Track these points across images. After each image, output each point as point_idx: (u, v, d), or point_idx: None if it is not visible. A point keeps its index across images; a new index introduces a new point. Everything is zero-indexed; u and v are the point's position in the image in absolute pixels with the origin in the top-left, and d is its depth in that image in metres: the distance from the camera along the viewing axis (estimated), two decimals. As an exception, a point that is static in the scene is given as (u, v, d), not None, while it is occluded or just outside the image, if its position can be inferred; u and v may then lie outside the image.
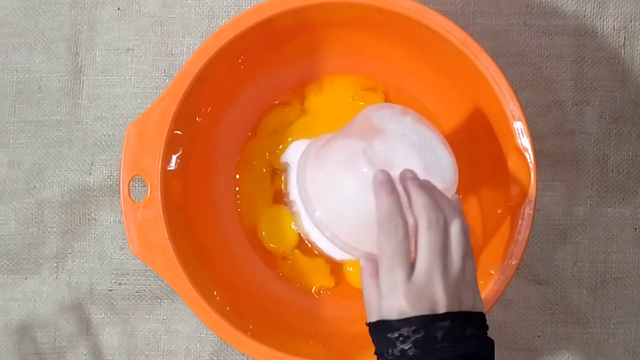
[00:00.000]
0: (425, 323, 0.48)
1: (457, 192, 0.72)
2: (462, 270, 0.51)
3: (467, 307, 0.50)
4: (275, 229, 0.72)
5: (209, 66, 0.63)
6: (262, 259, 0.73)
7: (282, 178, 0.73)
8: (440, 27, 0.62)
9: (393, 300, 0.50)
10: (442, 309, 0.49)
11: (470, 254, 0.52)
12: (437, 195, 0.53)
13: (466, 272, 0.51)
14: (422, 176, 0.56)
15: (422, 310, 0.49)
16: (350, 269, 0.72)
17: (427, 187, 0.53)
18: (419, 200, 0.52)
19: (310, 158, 0.64)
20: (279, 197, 0.73)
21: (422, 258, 0.50)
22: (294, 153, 0.72)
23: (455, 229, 0.51)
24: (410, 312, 0.49)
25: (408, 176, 0.54)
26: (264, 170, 0.73)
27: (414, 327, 0.48)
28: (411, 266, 0.50)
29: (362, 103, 0.73)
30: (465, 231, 0.52)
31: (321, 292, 0.72)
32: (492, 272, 0.62)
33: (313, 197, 0.62)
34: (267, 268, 0.73)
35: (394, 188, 0.52)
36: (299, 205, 0.71)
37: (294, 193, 0.72)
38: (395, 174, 0.55)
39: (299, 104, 0.73)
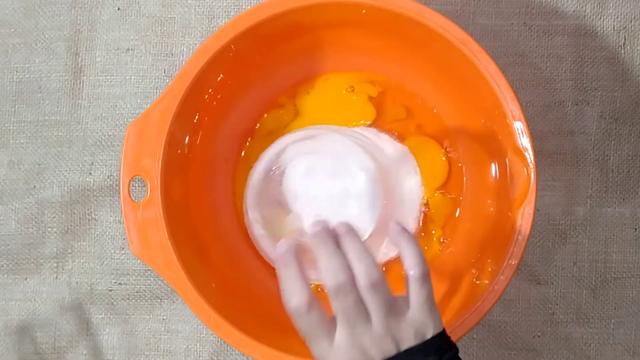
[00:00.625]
0: None
1: (457, 192, 0.72)
2: (390, 315, 0.50)
3: (408, 343, 0.50)
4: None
5: (208, 66, 0.63)
6: (260, 258, 0.73)
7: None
8: (440, 27, 0.62)
9: None
10: (377, 358, 0.49)
11: (385, 299, 0.50)
12: (344, 243, 0.52)
13: (397, 311, 0.50)
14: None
15: None
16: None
17: (324, 240, 0.51)
18: (321, 263, 0.51)
19: None
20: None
21: (339, 322, 0.50)
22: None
23: (362, 284, 0.50)
24: None
25: (310, 231, 0.53)
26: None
27: None
28: (332, 329, 0.50)
29: (353, 97, 0.73)
30: (375, 282, 0.50)
31: (319, 290, 0.72)
32: (491, 271, 0.62)
33: None
34: (265, 268, 0.73)
35: (291, 260, 0.51)
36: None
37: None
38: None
39: (298, 104, 0.73)
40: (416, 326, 0.50)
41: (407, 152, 0.72)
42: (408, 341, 0.50)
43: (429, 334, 0.50)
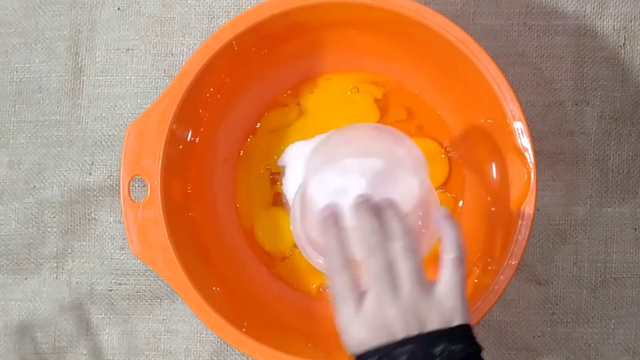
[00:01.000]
0: (385, 352, 0.47)
1: (457, 192, 0.72)
2: (419, 288, 0.49)
3: (433, 325, 0.48)
4: (272, 231, 0.72)
5: (208, 67, 0.63)
6: (261, 259, 0.73)
7: (279, 181, 0.73)
8: (440, 27, 0.62)
9: (350, 336, 0.49)
10: (400, 334, 0.48)
11: (415, 269, 0.49)
12: (385, 214, 0.52)
13: (427, 288, 0.49)
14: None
15: (380, 339, 0.48)
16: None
17: (365, 210, 0.52)
18: (358, 227, 0.51)
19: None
20: (278, 199, 0.73)
21: (368, 286, 0.49)
22: (290, 156, 0.72)
23: (396, 248, 0.50)
24: (369, 343, 0.48)
25: (357, 201, 0.53)
26: (262, 171, 0.73)
27: (376, 357, 0.48)
28: (362, 297, 0.49)
29: (358, 97, 0.73)
30: (408, 247, 0.50)
31: (321, 290, 0.72)
32: (491, 269, 0.62)
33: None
34: (266, 268, 0.73)
35: (334, 222, 0.52)
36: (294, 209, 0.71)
37: (290, 196, 0.72)
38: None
39: (299, 104, 0.73)
40: (444, 309, 0.49)
41: None
42: (432, 323, 0.48)
43: (456, 322, 0.49)
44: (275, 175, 0.73)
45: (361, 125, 0.69)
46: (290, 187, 0.72)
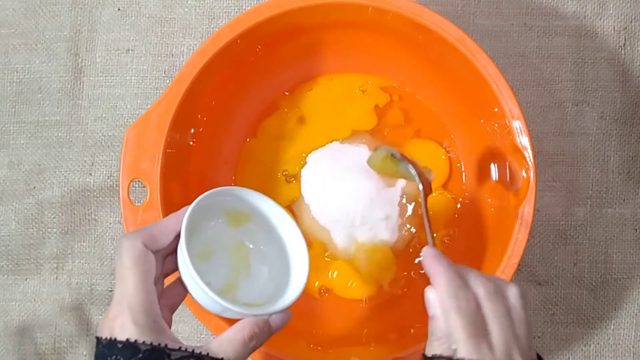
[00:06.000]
0: None
1: (457, 192, 0.72)
2: (528, 330, 0.49)
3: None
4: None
5: (206, 69, 0.63)
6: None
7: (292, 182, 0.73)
8: (438, 27, 0.62)
9: None
10: None
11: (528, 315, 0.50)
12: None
13: (529, 331, 0.50)
14: None
15: None
16: (336, 272, 0.72)
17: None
18: (468, 273, 0.50)
19: None
20: (277, 199, 0.73)
21: (495, 327, 0.48)
22: (310, 163, 0.72)
23: (513, 293, 0.50)
24: None
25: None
26: (262, 172, 0.73)
27: None
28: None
29: (358, 104, 0.73)
30: (524, 295, 0.50)
31: (321, 291, 0.72)
32: (491, 270, 0.62)
33: None
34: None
35: (449, 260, 0.50)
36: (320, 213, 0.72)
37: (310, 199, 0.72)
38: None
39: (298, 106, 0.73)
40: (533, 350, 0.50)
41: None
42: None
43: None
44: (286, 176, 0.73)
45: None
46: (309, 190, 0.72)
